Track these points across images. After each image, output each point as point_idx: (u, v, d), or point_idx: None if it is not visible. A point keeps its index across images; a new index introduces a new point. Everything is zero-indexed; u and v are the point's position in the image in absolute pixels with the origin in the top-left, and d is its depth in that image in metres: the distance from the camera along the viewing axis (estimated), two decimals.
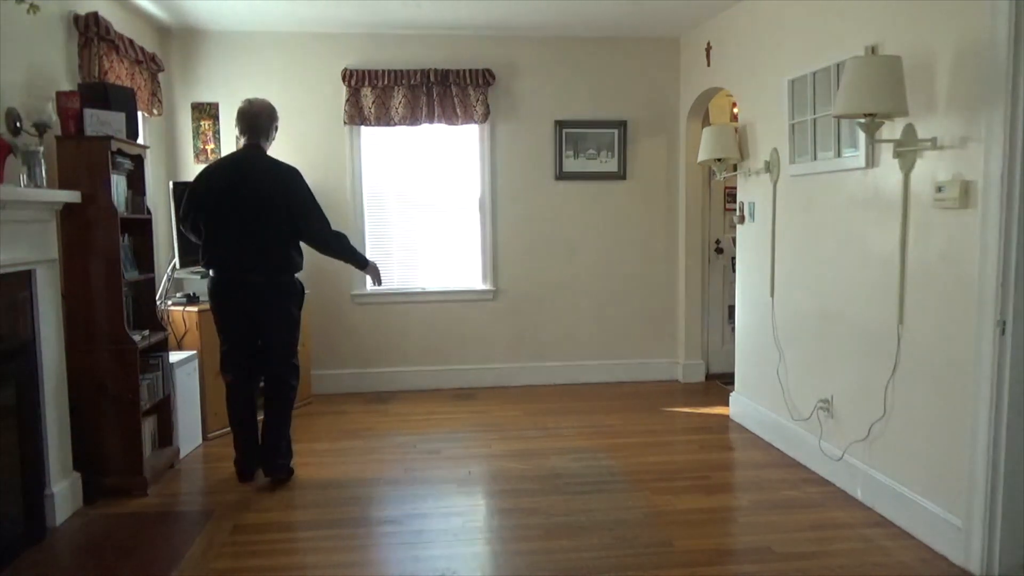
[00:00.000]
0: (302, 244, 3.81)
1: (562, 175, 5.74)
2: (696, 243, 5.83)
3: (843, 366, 3.67)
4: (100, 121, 3.55)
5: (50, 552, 3.07)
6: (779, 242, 4.29)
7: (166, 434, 4.09)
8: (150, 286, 4.05)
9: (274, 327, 3.75)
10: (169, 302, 4.69)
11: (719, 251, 5.97)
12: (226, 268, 3.67)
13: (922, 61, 3.01)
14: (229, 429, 3.96)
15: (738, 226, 4.86)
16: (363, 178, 5.59)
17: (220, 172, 3.72)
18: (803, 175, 3.99)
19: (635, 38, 5.68)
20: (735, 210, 5.00)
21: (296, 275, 3.80)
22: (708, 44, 5.19)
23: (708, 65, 5.22)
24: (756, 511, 3.46)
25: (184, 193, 3.80)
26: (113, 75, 4.09)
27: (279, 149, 5.45)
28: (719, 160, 4.81)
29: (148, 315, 4.01)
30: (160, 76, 4.99)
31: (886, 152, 3.27)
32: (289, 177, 3.73)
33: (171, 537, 3.21)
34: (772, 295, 4.36)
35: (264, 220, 3.62)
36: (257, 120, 3.73)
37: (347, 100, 5.41)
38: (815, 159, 3.86)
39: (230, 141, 5.40)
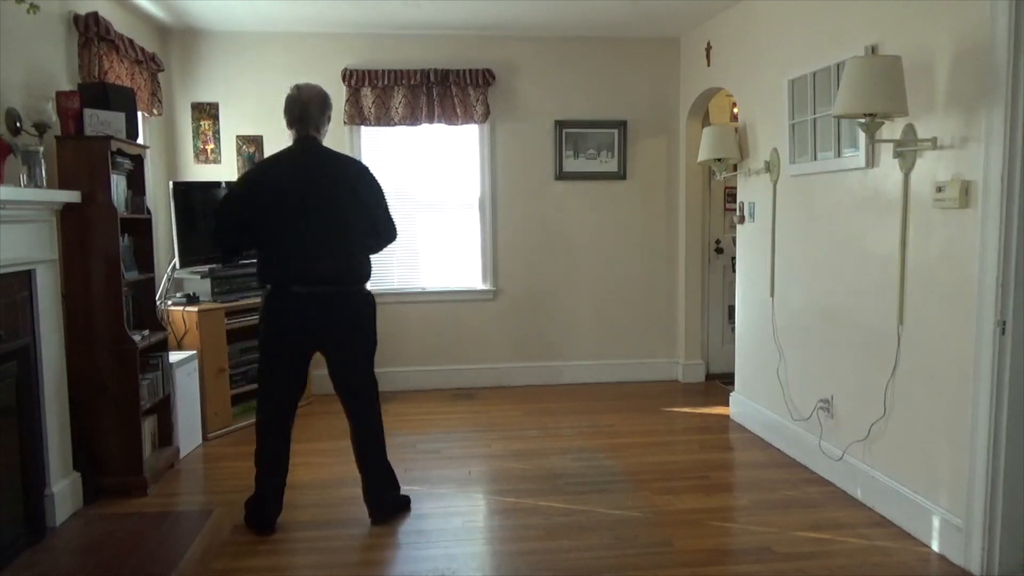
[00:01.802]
0: None
1: (562, 175, 5.74)
2: (696, 243, 5.83)
3: (843, 366, 3.67)
4: (100, 121, 3.55)
5: (50, 552, 3.07)
6: (779, 242, 4.29)
7: (166, 434, 4.09)
8: (150, 286, 4.05)
9: (348, 347, 3.27)
10: (169, 302, 4.69)
11: (719, 251, 5.97)
12: (291, 280, 3.15)
13: (922, 61, 3.01)
14: (255, 468, 3.32)
15: (738, 226, 4.86)
16: None
17: (277, 171, 3.24)
18: (803, 175, 3.99)
19: (635, 38, 5.68)
20: (735, 210, 5.00)
21: (367, 284, 3.32)
22: (708, 44, 5.19)
23: (708, 65, 5.22)
24: (756, 511, 3.45)
25: (226, 197, 3.33)
26: (113, 75, 4.09)
27: (280, 148, 5.47)
28: (719, 160, 4.81)
29: (148, 315, 4.01)
30: (160, 76, 4.99)
31: (886, 152, 3.27)
32: (365, 173, 3.33)
33: (171, 537, 3.21)
34: (772, 295, 4.36)
35: (337, 222, 3.17)
36: (308, 108, 3.23)
37: (347, 100, 5.41)
38: (815, 159, 3.86)
39: (230, 141, 5.42)
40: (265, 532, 3.23)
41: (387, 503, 3.38)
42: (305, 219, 3.13)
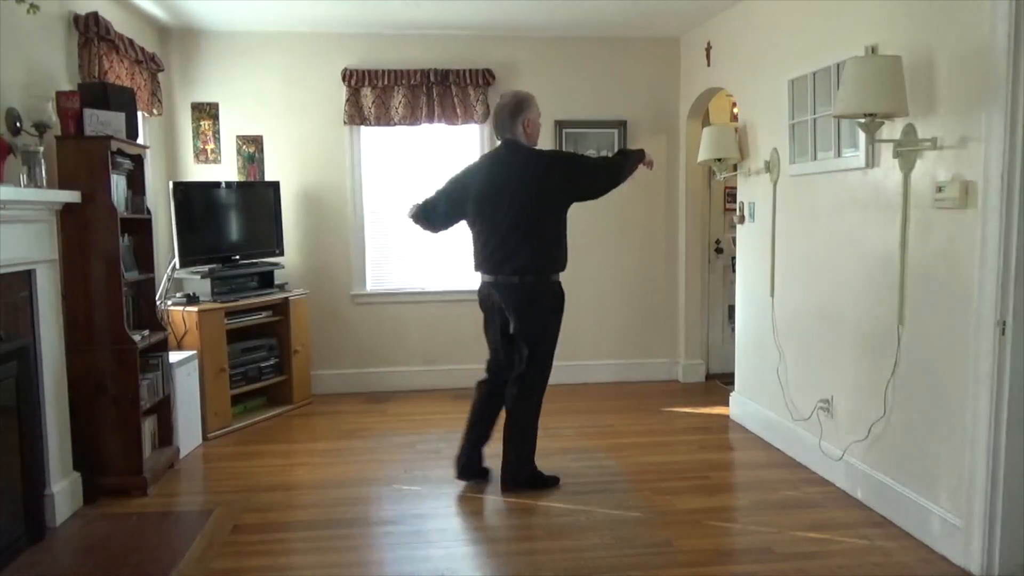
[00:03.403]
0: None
1: None
2: (696, 243, 5.82)
3: (843, 366, 3.67)
4: (100, 121, 3.55)
5: (50, 552, 3.07)
6: (779, 242, 4.29)
7: (166, 434, 4.09)
8: (150, 286, 4.05)
9: (517, 332, 3.60)
10: (169, 302, 4.69)
11: (719, 251, 5.97)
12: (480, 267, 3.69)
13: (922, 61, 3.01)
14: None
15: (738, 226, 4.86)
16: (363, 178, 5.59)
17: (476, 168, 3.73)
18: (803, 175, 3.99)
19: (635, 38, 5.68)
20: (735, 210, 5.00)
21: (552, 276, 3.61)
22: (708, 44, 5.19)
23: (708, 65, 5.22)
24: (756, 511, 3.46)
25: (448, 180, 3.82)
26: (113, 75, 4.09)
27: (281, 148, 5.48)
28: (719, 160, 4.81)
29: (148, 315, 4.01)
30: (160, 76, 4.99)
31: (886, 152, 3.27)
32: (551, 164, 3.62)
33: (171, 537, 3.21)
34: (772, 295, 4.36)
35: (511, 217, 3.50)
36: (498, 116, 3.64)
37: (347, 100, 5.41)
38: (815, 159, 3.86)
39: (230, 141, 5.42)
40: (460, 478, 3.78)
41: (509, 479, 3.70)
42: (488, 214, 3.57)
